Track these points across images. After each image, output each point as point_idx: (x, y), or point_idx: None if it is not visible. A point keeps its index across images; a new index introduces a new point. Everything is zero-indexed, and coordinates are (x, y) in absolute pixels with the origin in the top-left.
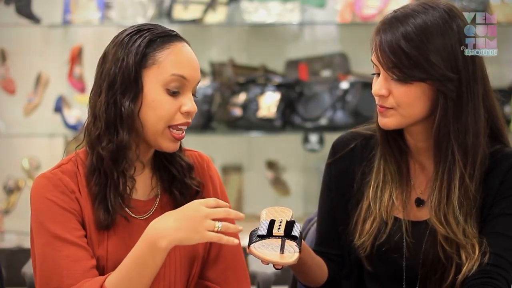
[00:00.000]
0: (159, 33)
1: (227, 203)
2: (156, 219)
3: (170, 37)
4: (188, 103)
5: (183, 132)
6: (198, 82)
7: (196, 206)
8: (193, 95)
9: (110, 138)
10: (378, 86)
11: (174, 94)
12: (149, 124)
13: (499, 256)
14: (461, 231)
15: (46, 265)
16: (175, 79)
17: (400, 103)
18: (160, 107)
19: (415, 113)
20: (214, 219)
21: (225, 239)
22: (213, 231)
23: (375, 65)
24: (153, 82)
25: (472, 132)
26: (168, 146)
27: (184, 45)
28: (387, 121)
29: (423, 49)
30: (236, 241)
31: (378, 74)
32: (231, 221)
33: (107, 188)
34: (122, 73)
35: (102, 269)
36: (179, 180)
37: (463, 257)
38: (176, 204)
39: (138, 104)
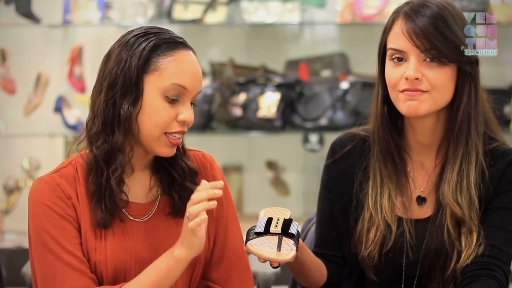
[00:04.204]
0: (165, 38)
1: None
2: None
3: (175, 44)
4: (185, 112)
5: (179, 138)
6: (199, 93)
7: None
8: (193, 104)
9: (106, 138)
10: (413, 70)
11: (172, 101)
12: (144, 129)
13: (497, 248)
14: (471, 213)
15: (48, 272)
16: (174, 88)
17: (435, 86)
18: (157, 114)
19: (445, 97)
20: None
21: (207, 206)
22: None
23: (401, 51)
24: (153, 89)
25: (479, 121)
26: (164, 151)
27: (188, 54)
28: (418, 105)
29: (456, 30)
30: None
31: (398, 60)
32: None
33: (103, 188)
34: (123, 75)
35: (101, 274)
36: (179, 183)
37: (463, 244)
38: (174, 207)
39: (137, 108)
